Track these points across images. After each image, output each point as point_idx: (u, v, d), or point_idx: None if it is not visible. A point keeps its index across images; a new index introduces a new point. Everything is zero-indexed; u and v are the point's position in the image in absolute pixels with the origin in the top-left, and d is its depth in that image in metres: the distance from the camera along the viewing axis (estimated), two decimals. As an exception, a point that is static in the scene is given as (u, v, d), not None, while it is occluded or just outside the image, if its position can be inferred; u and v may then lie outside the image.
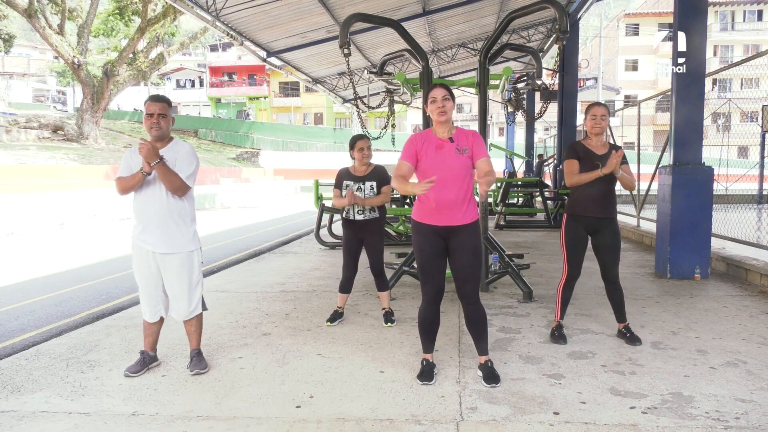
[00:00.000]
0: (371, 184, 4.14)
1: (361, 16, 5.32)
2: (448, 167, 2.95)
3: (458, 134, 3.07)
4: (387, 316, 4.32)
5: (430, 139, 3.04)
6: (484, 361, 3.14)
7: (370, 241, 4.24)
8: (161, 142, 3.23)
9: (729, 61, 38.54)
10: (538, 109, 7.77)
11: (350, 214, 4.17)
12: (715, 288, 5.42)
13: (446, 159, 2.96)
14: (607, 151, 3.69)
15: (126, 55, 29.21)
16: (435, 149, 2.99)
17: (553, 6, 4.74)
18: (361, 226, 4.19)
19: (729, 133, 16.78)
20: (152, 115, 3.15)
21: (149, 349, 3.39)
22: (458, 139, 3.03)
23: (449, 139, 3.01)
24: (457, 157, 2.97)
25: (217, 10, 9.00)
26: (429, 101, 3.00)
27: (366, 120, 32.77)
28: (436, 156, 2.97)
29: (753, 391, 2.92)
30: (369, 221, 4.19)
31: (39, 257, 8.49)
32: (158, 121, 3.16)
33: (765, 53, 5.49)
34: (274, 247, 8.97)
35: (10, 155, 23.06)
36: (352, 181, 4.14)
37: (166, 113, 3.19)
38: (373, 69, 12.76)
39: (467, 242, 3.02)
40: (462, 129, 3.12)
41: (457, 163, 2.96)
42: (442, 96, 2.97)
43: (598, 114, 3.67)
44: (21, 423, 2.68)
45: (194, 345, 3.40)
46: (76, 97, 48.72)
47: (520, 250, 7.70)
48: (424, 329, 3.18)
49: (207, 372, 3.29)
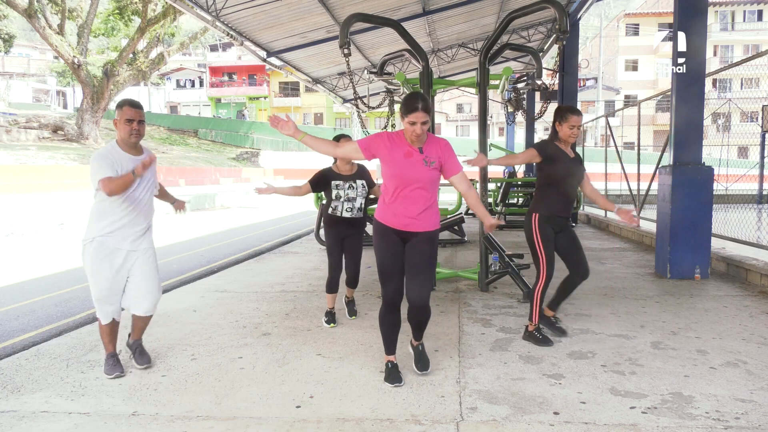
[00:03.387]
0: (362, 183, 4.16)
1: (361, 16, 5.32)
2: (414, 177, 2.94)
3: (428, 144, 3.01)
4: (350, 305, 4.52)
5: (399, 143, 2.99)
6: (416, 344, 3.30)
7: (352, 240, 4.24)
8: (136, 147, 3.26)
9: (729, 61, 38.53)
10: (538, 109, 7.77)
11: (338, 212, 4.13)
12: (715, 288, 5.42)
13: (413, 168, 2.94)
14: (574, 156, 3.76)
15: (126, 55, 29.22)
16: (403, 156, 2.96)
17: (553, 6, 4.74)
18: (346, 223, 4.17)
19: (729, 133, 16.79)
20: (133, 122, 3.15)
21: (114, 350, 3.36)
22: (427, 150, 2.98)
23: (419, 149, 2.97)
24: (423, 169, 2.94)
25: (217, 10, 9.01)
26: (407, 122, 2.90)
27: (366, 120, 32.82)
28: (403, 163, 2.94)
29: (753, 391, 2.92)
30: (356, 219, 4.19)
31: (39, 257, 8.49)
32: (138, 128, 3.18)
33: (765, 53, 5.49)
34: (274, 247, 8.97)
35: (10, 155, 23.06)
36: (342, 181, 4.12)
37: (143, 119, 3.22)
38: (373, 69, 12.77)
39: (424, 246, 3.03)
40: (433, 137, 3.06)
41: (424, 175, 2.95)
42: (422, 122, 2.88)
43: (577, 124, 3.66)
44: (21, 423, 2.68)
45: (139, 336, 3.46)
46: (76, 97, 48.72)
47: (520, 250, 7.68)
48: (386, 331, 3.15)
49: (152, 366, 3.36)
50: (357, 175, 4.17)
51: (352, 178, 4.14)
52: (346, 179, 4.12)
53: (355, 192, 4.13)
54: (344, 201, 4.11)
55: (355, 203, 4.14)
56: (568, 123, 3.65)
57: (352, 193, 4.12)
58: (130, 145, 3.23)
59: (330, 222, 4.22)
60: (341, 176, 4.14)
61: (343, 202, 4.11)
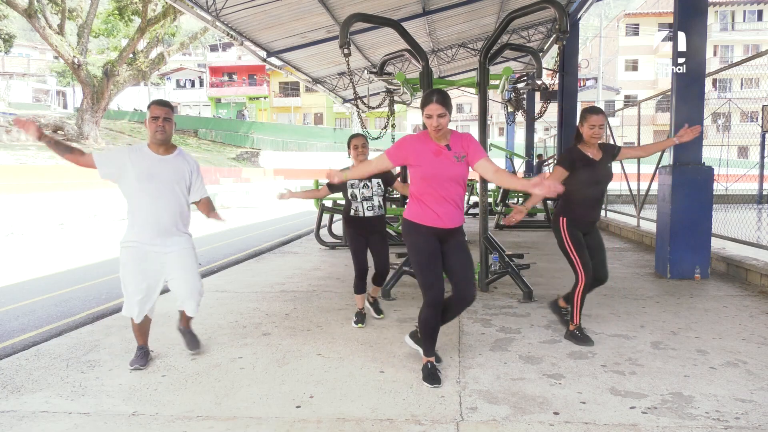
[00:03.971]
0: (378, 181, 4.14)
1: (361, 16, 5.32)
2: (447, 174, 2.96)
3: (453, 140, 3.04)
4: (376, 304, 4.47)
5: (426, 144, 3.01)
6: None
7: (377, 239, 4.23)
8: (165, 146, 3.29)
9: (729, 61, 38.54)
10: (538, 109, 7.77)
11: (360, 212, 4.14)
12: (715, 288, 5.42)
13: (445, 166, 2.96)
14: (602, 155, 3.70)
15: (126, 55, 29.22)
16: (433, 155, 2.98)
17: (553, 6, 4.74)
18: (369, 223, 4.16)
19: (729, 133, 16.78)
20: (158, 119, 3.20)
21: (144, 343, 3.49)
22: (455, 147, 3.01)
23: (446, 147, 3.00)
24: (455, 165, 2.97)
25: (217, 10, 9.00)
26: (425, 116, 2.97)
27: (366, 120, 32.75)
28: (435, 162, 2.96)
29: (753, 391, 2.92)
30: (377, 218, 4.17)
31: (39, 257, 8.49)
32: (163, 125, 3.22)
33: (765, 53, 5.49)
34: (274, 247, 8.97)
35: (10, 155, 23.07)
36: (357, 180, 4.11)
37: (170, 117, 3.25)
38: (373, 69, 12.77)
39: (462, 241, 3.10)
40: (456, 133, 3.09)
41: (456, 171, 2.98)
42: (438, 114, 2.92)
43: (597, 124, 3.60)
44: (21, 423, 2.68)
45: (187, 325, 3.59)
46: (76, 97, 48.72)
47: (520, 250, 7.70)
48: (427, 333, 3.12)
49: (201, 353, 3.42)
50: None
51: (367, 177, 4.12)
52: (360, 179, 4.12)
53: (370, 191, 4.12)
54: (361, 200, 4.11)
55: (373, 201, 4.13)
56: (588, 123, 3.61)
57: (366, 192, 4.11)
58: (157, 143, 3.26)
59: (353, 224, 4.20)
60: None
61: (361, 202, 4.11)
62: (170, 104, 3.35)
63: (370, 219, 4.15)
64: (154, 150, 3.28)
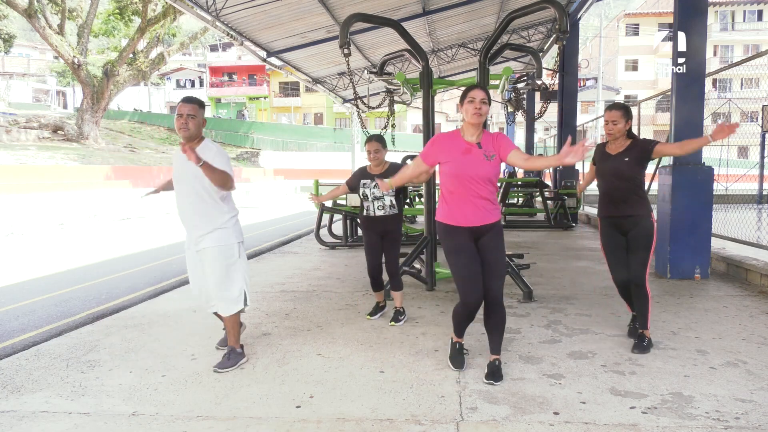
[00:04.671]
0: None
1: (361, 16, 5.32)
2: (476, 173, 2.92)
3: (485, 139, 3.02)
4: (396, 314, 4.29)
5: (456, 141, 3.01)
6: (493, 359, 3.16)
7: (390, 238, 4.23)
8: (191, 142, 3.27)
9: (729, 61, 38.53)
10: (538, 109, 7.77)
11: (371, 211, 4.16)
12: (715, 288, 5.42)
13: (473, 164, 2.93)
14: (624, 150, 3.61)
15: (126, 55, 29.22)
16: (462, 153, 2.96)
17: (553, 6, 4.74)
18: (381, 222, 4.18)
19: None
20: (182, 116, 3.21)
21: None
22: (485, 145, 2.98)
23: (477, 144, 2.97)
24: (484, 164, 2.94)
25: (217, 10, 9.00)
26: (466, 100, 2.94)
27: (366, 120, 32.82)
28: (463, 160, 2.94)
29: (753, 391, 2.92)
30: (389, 217, 4.18)
31: (39, 257, 8.49)
32: (187, 122, 3.21)
33: (765, 53, 5.49)
34: (274, 247, 8.97)
35: (10, 155, 23.06)
36: (369, 180, 4.15)
37: (195, 114, 3.23)
38: (373, 69, 12.76)
39: (495, 239, 3.04)
40: (488, 132, 3.08)
41: (484, 170, 2.94)
42: (481, 98, 2.92)
43: (610, 119, 3.59)
44: (21, 423, 2.68)
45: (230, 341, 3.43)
46: (76, 97, 48.71)
47: (520, 250, 7.70)
48: (459, 323, 3.21)
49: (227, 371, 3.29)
50: (385, 174, 4.13)
51: (379, 177, 4.12)
52: (373, 178, 4.14)
53: (381, 191, 4.13)
54: (372, 200, 4.13)
55: (384, 201, 4.14)
56: (604, 118, 3.65)
57: (377, 192, 4.12)
58: (183, 140, 3.27)
59: (365, 223, 4.25)
60: (370, 175, 4.17)
61: (372, 201, 4.14)
62: (198, 101, 3.30)
63: (381, 218, 4.16)
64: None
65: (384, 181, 3.32)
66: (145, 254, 8.61)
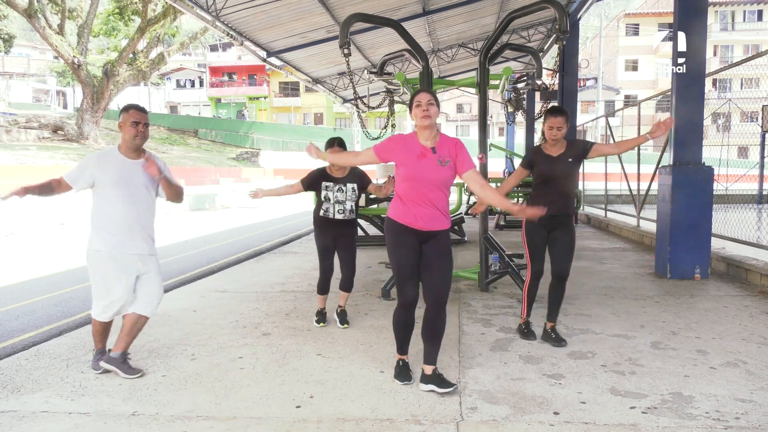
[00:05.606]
0: (353, 186, 4.12)
1: (361, 16, 5.32)
2: (428, 178, 2.91)
3: (441, 144, 2.99)
4: (342, 315, 4.29)
5: (413, 145, 2.98)
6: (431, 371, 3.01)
7: (345, 243, 4.21)
8: (138, 151, 3.31)
9: (729, 61, 38.52)
10: (538, 109, 7.77)
11: (329, 213, 4.12)
12: (715, 288, 5.42)
13: (427, 169, 2.92)
14: (564, 151, 3.68)
15: (126, 55, 29.22)
16: (417, 157, 2.94)
17: (553, 6, 4.75)
18: (339, 225, 4.15)
19: (729, 133, 16.76)
20: (139, 124, 3.23)
21: (104, 347, 3.43)
22: (440, 150, 2.96)
23: (432, 149, 2.95)
24: (437, 169, 2.92)
25: (217, 10, 9.00)
26: (414, 105, 2.96)
27: (366, 120, 32.84)
28: (417, 164, 2.93)
29: (753, 391, 2.92)
30: (347, 221, 4.17)
31: (39, 257, 8.49)
32: (144, 131, 3.27)
33: (765, 53, 5.49)
34: (274, 247, 8.97)
35: (10, 155, 23.06)
36: (332, 183, 4.10)
37: (148, 123, 3.32)
38: (373, 69, 12.76)
39: (443, 246, 3.01)
40: (445, 137, 3.05)
41: (437, 176, 2.92)
42: (427, 101, 2.92)
43: (555, 125, 3.61)
44: (21, 423, 2.68)
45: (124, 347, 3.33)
46: (76, 97, 48.71)
47: (520, 250, 7.69)
48: (400, 332, 3.12)
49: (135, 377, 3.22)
50: (348, 178, 4.13)
51: (343, 181, 4.11)
52: (336, 181, 4.11)
53: (344, 195, 4.11)
54: (334, 203, 4.10)
55: (346, 206, 4.12)
56: (547, 124, 3.67)
57: (341, 196, 4.10)
58: (132, 148, 3.27)
59: (321, 224, 4.20)
60: (332, 178, 4.12)
61: (334, 204, 4.10)
62: (146, 109, 3.40)
63: (339, 222, 4.14)
64: (126, 154, 3.27)
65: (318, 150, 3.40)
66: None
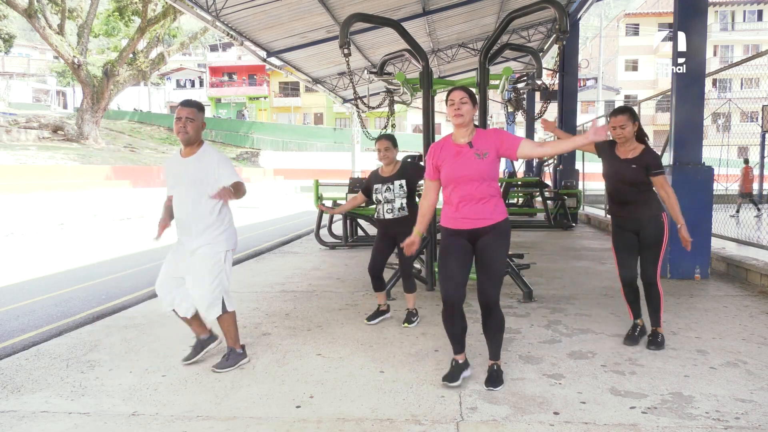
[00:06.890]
0: (400, 183, 4.09)
1: (361, 16, 5.32)
2: (467, 174, 2.89)
3: (477, 137, 2.96)
4: (408, 316, 4.27)
5: (447, 146, 2.99)
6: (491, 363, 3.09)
7: (401, 240, 4.20)
8: (189, 147, 3.27)
9: (729, 61, 38.52)
10: (538, 109, 7.77)
11: (380, 214, 4.15)
12: (715, 288, 5.42)
13: (465, 165, 2.89)
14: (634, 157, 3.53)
15: (126, 55, 29.23)
16: (453, 156, 2.93)
17: (553, 6, 4.74)
18: (390, 224, 4.15)
19: (729, 133, 16.77)
20: (180, 119, 3.19)
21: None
22: (477, 143, 2.93)
23: (468, 144, 2.93)
24: (476, 163, 2.89)
25: (217, 10, 9.01)
26: (448, 104, 2.95)
27: (366, 120, 32.81)
28: (454, 164, 2.91)
29: (753, 391, 2.92)
30: (398, 220, 4.12)
31: (39, 257, 8.49)
32: (185, 126, 3.18)
33: (765, 53, 5.49)
34: (274, 247, 8.97)
35: (10, 155, 23.06)
36: (380, 184, 4.12)
37: (194, 117, 3.20)
38: (373, 69, 12.77)
39: (494, 241, 2.94)
40: (482, 131, 3.02)
41: (476, 169, 2.88)
42: (460, 98, 2.90)
43: (617, 124, 3.52)
44: (21, 423, 2.68)
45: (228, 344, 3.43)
46: (76, 97, 48.70)
47: (520, 250, 7.70)
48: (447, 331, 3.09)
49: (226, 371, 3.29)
50: (396, 175, 4.11)
51: (390, 179, 4.11)
52: (383, 181, 4.12)
53: (392, 193, 4.09)
54: (383, 203, 4.12)
55: (394, 204, 4.10)
56: (610, 123, 3.56)
57: (389, 195, 4.10)
58: (183, 144, 3.27)
59: (378, 226, 4.30)
60: (381, 178, 4.15)
61: (383, 204, 4.12)
62: (197, 104, 3.28)
63: (390, 221, 4.13)
64: (181, 153, 3.31)
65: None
66: (145, 254, 8.60)
